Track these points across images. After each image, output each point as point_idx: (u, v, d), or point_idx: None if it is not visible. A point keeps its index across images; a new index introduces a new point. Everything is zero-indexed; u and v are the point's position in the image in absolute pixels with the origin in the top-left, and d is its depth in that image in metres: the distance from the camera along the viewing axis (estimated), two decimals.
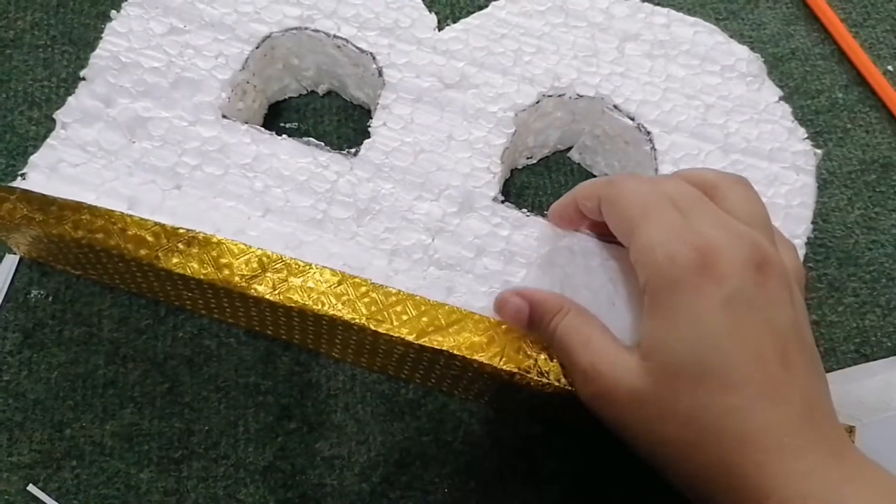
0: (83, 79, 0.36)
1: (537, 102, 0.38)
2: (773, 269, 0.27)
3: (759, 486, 0.25)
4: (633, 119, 0.38)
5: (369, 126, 0.37)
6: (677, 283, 0.27)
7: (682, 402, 0.26)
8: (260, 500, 0.35)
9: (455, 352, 0.32)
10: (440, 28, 0.39)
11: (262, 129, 0.36)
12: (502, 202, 0.36)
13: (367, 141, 0.37)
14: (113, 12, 0.38)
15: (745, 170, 0.38)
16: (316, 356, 0.38)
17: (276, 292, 0.32)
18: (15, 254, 0.39)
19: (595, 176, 0.43)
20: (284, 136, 0.36)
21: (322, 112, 0.43)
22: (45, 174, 0.34)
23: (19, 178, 0.34)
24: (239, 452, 0.36)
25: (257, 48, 0.38)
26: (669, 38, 0.40)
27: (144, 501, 0.35)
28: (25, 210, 0.32)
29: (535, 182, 0.42)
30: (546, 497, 0.36)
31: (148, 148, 0.35)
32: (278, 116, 0.43)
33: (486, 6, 0.40)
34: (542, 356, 0.32)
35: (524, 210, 0.36)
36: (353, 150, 0.36)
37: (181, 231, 0.32)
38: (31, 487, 0.35)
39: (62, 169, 0.34)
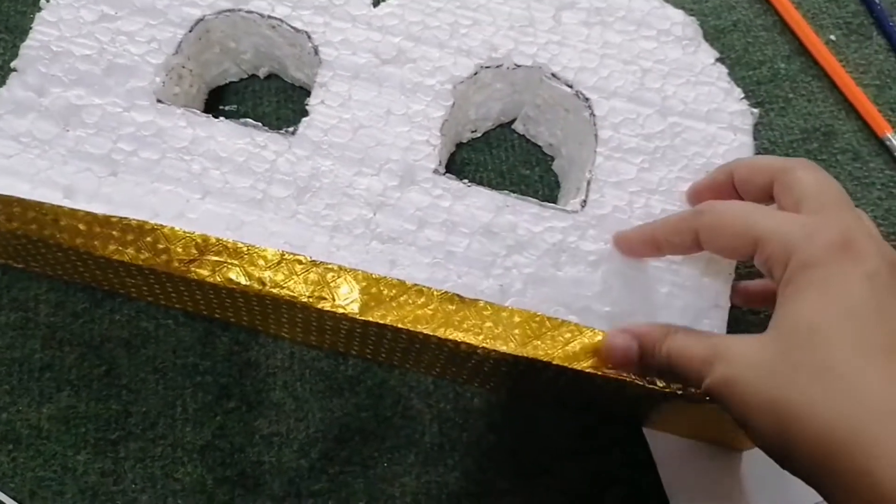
0: (14, 70, 0.36)
1: (475, 74, 0.38)
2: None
3: (884, 455, 0.24)
4: (571, 87, 0.39)
5: (307, 104, 0.37)
6: (816, 261, 0.27)
7: (813, 361, 0.26)
8: (198, 479, 0.36)
9: (399, 325, 0.32)
10: (375, 4, 0.39)
11: (198, 112, 0.36)
12: (443, 174, 0.36)
13: (305, 119, 0.36)
14: (42, 1, 0.37)
15: (683, 132, 0.38)
16: (255, 335, 0.38)
17: (217, 275, 0.32)
18: None
19: (540, 146, 0.43)
20: (221, 118, 0.36)
21: (261, 94, 0.43)
22: None
23: None
24: (177, 432, 0.36)
25: (190, 31, 0.38)
26: (605, 6, 0.41)
27: (81, 483, 0.35)
28: None
29: (476, 158, 0.42)
30: (486, 468, 0.37)
31: (82, 136, 0.35)
32: (218, 100, 0.43)
33: None
34: (487, 324, 0.32)
35: (465, 181, 0.36)
36: (291, 129, 0.36)
37: (114, 219, 0.32)
38: None
39: None
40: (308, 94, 0.42)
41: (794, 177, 0.30)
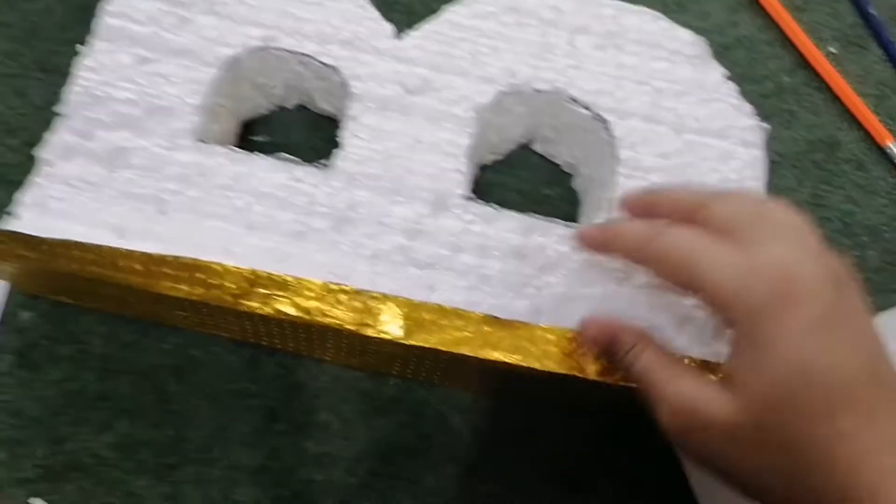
0: (60, 115, 0.38)
1: (497, 101, 0.40)
2: (849, 283, 0.27)
3: None
4: (589, 109, 0.40)
5: (339, 137, 0.39)
6: (759, 315, 0.26)
7: (783, 432, 0.26)
8: (254, 500, 0.37)
9: (441, 348, 0.34)
10: (399, 36, 0.41)
11: (238, 149, 0.38)
12: (473, 200, 0.38)
13: (338, 152, 0.38)
14: (81, 47, 0.39)
15: (698, 148, 0.40)
16: (300, 359, 0.40)
17: (266, 307, 0.34)
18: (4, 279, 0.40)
19: (558, 165, 0.45)
20: (259, 153, 0.38)
21: (290, 124, 0.45)
22: (34, 211, 0.36)
23: (4, 215, 0.36)
24: (231, 455, 0.38)
25: (224, 71, 0.39)
26: (618, 28, 0.42)
27: None
28: (19, 249, 0.34)
29: (499, 179, 0.44)
30: (530, 478, 0.39)
31: (130, 177, 0.37)
32: (248, 131, 0.44)
33: (440, 11, 0.42)
34: (523, 343, 0.34)
35: (493, 205, 0.38)
36: (326, 162, 0.38)
37: (168, 258, 0.34)
38: (33, 500, 0.37)
39: (50, 204, 0.36)
40: (335, 122, 0.44)
41: (709, 214, 0.30)
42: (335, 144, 0.38)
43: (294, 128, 0.45)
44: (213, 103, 0.39)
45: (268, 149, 0.44)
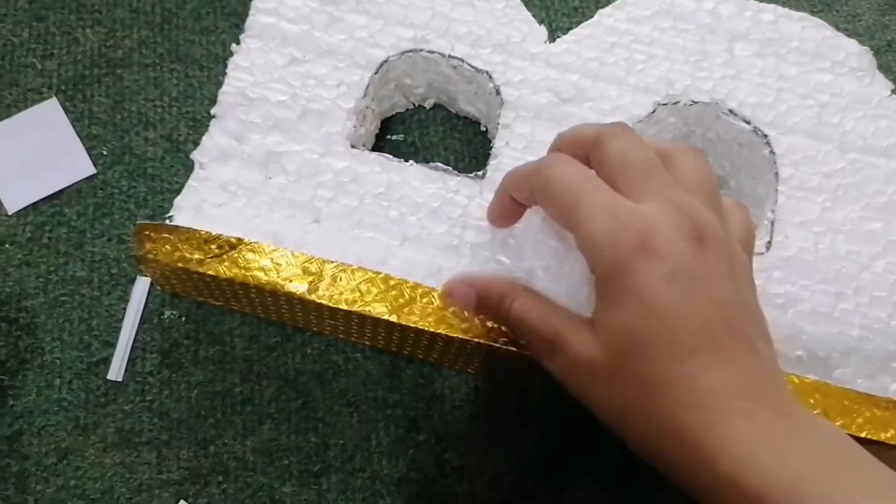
0: (214, 116, 0.37)
1: (653, 112, 0.39)
2: (713, 240, 0.28)
3: (710, 447, 0.26)
4: (748, 122, 0.39)
5: (491, 145, 0.38)
6: (621, 265, 0.27)
7: (637, 374, 0.27)
8: None
9: None
10: (551, 40, 0.40)
11: (390, 156, 0.37)
12: None
13: (492, 162, 0.37)
14: (234, 46, 0.38)
15: (864, 168, 0.38)
16: (437, 369, 0.39)
17: (423, 321, 0.33)
18: (147, 276, 0.40)
19: None
20: (411, 161, 0.37)
21: (427, 123, 0.44)
22: (190, 215, 0.35)
23: (167, 220, 0.35)
24: (374, 465, 0.38)
25: (376, 73, 0.38)
26: (778, 36, 0.40)
27: None
28: (184, 250, 0.33)
29: None
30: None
31: (284, 183, 0.36)
32: (384, 129, 0.43)
33: (584, 10, 0.40)
34: None
35: None
36: (480, 173, 0.37)
37: (330, 263, 0.33)
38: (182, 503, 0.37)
39: (206, 209, 0.35)
40: (474, 124, 0.43)
41: (602, 152, 0.30)
42: (471, 145, 0.38)
43: (430, 127, 0.44)
44: (363, 107, 0.38)
45: (403, 148, 0.43)
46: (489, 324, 0.33)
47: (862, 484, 0.25)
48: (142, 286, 0.40)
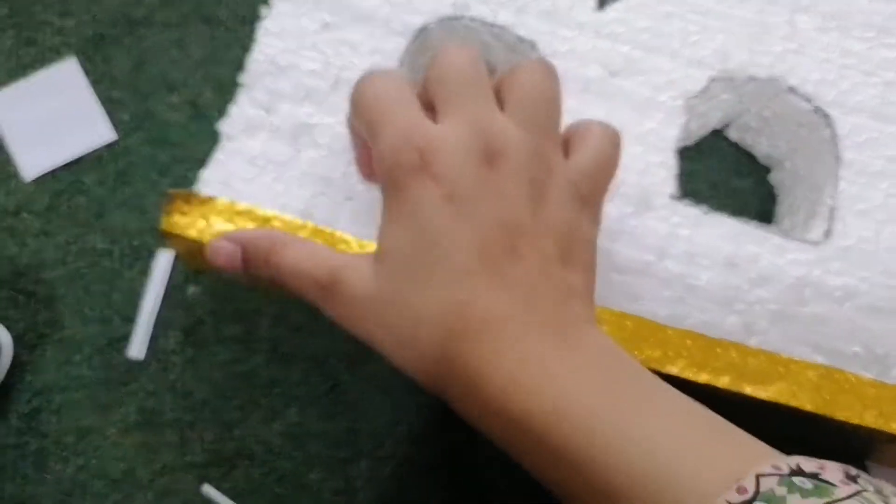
0: (242, 85, 0.35)
1: (707, 88, 0.36)
2: (509, 161, 0.27)
3: (479, 374, 0.25)
4: (809, 101, 0.36)
5: None
6: (402, 184, 0.26)
7: (413, 300, 0.26)
8: (429, 499, 0.36)
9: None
10: (601, 7, 0.37)
11: None
12: (680, 200, 0.35)
13: None
14: (263, 9, 0.36)
15: None
16: None
17: None
18: (170, 248, 0.38)
19: (755, 156, 0.41)
20: None
21: None
22: (216, 188, 0.33)
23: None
24: (405, 452, 0.37)
25: (413, 41, 0.36)
26: (843, 8, 0.38)
27: (316, 501, 0.36)
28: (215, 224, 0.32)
29: (687, 167, 0.40)
30: None
31: (314, 157, 0.34)
32: None
33: None
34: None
35: (703, 206, 0.34)
36: None
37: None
38: (206, 487, 0.36)
39: (234, 184, 0.33)
40: None
41: (430, 69, 0.28)
42: None
43: None
44: None
45: None
46: None
47: (626, 400, 0.25)
48: (164, 260, 0.39)
